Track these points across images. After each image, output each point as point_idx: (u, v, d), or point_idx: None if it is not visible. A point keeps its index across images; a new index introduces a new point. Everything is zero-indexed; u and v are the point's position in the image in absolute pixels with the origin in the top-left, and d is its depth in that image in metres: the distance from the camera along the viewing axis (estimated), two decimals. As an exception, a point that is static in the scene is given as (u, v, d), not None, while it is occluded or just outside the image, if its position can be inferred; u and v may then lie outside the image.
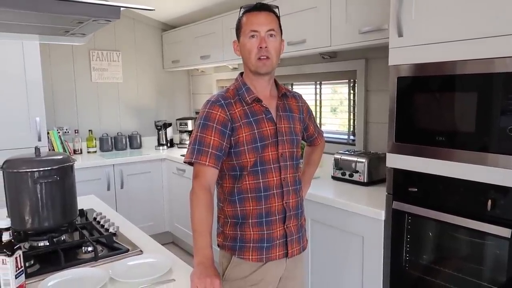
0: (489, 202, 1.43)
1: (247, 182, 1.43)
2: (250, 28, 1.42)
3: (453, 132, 1.54)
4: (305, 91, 3.10)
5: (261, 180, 1.43)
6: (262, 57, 1.42)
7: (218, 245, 1.52)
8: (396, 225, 1.78)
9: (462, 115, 1.51)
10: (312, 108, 3.02)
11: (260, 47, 1.41)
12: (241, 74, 1.53)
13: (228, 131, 1.40)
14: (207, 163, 1.36)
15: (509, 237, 1.38)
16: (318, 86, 3.01)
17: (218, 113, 1.40)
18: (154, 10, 1.29)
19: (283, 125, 1.49)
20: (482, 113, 1.44)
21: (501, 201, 1.41)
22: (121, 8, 1.34)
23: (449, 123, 1.55)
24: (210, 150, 1.37)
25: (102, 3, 1.29)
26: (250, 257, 1.44)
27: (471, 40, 1.44)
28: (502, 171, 1.39)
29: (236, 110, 1.42)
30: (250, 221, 1.44)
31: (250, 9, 1.45)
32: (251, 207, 1.43)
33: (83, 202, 2.06)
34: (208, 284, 1.19)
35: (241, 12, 1.47)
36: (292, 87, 3.24)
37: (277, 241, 1.46)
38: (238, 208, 1.45)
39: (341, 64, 2.70)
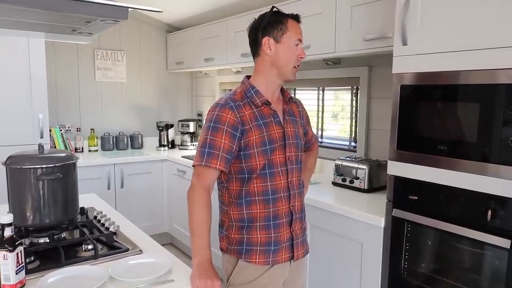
0: (489, 212, 1.44)
1: (255, 185, 1.43)
2: (298, 36, 1.46)
3: (454, 141, 1.55)
4: (308, 96, 3.11)
5: (269, 183, 1.43)
6: (296, 66, 1.47)
7: (222, 249, 1.51)
8: (396, 233, 1.78)
9: (464, 125, 1.52)
10: (314, 113, 3.04)
11: (301, 57, 1.47)
12: (247, 77, 1.53)
13: (238, 134, 1.39)
14: (217, 166, 1.36)
15: (509, 247, 1.39)
16: (321, 92, 3.02)
17: (229, 116, 1.39)
18: (162, 11, 1.31)
19: (289, 129, 1.50)
20: (484, 124, 1.45)
21: (501, 211, 1.42)
22: (129, 9, 1.36)
23: (451, 132, 1.56)
24: (220, 153, 1.36)
25: (110, 3, 1.30)
26: (257, 260, 1.43)
27: (475, 51, 1.45)
28: (503, 181, 1.39)
29: (246, 113, 1.42)
30: (257, 224, 1.44)
31: (294, 17, 1.48)
32: (258, 210, 1.43)
33: (84, 200, 2.06)
34: (209, 285, 1.20)
35: (282, 15, 1.46)
36: (295, 92, 3.25)
37: (284, 244, 1.46)
38: (245, 211, 1.44)
39: (345, 71, 2.71)
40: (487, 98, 1.44)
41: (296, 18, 1.48)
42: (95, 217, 1.81)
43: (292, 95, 1.67)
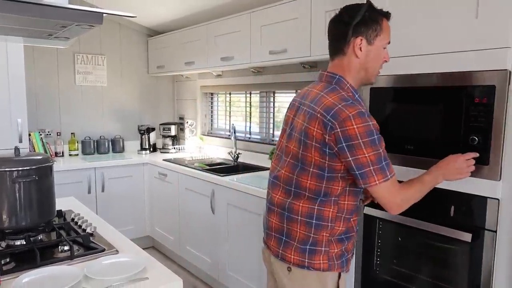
0: (452, 208, 1.51)
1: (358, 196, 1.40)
2: (388, 39, 1.36)
3: (420, 141, 1.62)
4: (286, 99, 3.17)
5: None
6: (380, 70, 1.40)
7: (319, 269, 1.35)
8: (368, 230, 1.84)
9: (429, 125, 1.59)
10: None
11: (385, 61, 1.38)
12: (340, 77, 1.36)
13: None
14: (394, 172, 1.30)
15: (470, 241, 1.46)
16: (299, 95, 3.07)
17: (375, 123, 1.28)
18: (135, 17, 1.34)
19: None
20: (446, 124, 1.53)
21: (462, 207, 1.49)
22: (104, 14, 1.39)
23: (416, 132, 1.63)
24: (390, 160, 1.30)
25: (84, 9, 1.33)
26: (349, 267, 1.43)
27: (437, 55, 1.53)
28: (464, 178, 1.46)
29: None
30: (353, 233, 1.41)
31: (387, 16, 1.36)
32: (353, 218, 1.40)
33: (62, 203, 2.07)
34: (466, 160, 1.39)
35: (377, 12, 1.34)
36: (274, 95, 3.30)
37: None
38: (347, 223, 1.38)
39: (321, 74, 2.77)
40: (449, 100, 1.52)
41: (388, 17, 1.36)
42: (73, 219, 1.82)
43: None
